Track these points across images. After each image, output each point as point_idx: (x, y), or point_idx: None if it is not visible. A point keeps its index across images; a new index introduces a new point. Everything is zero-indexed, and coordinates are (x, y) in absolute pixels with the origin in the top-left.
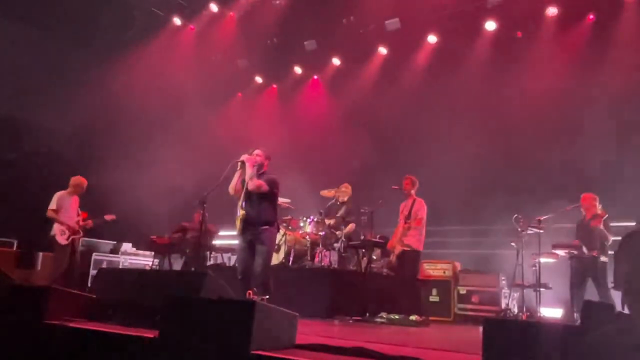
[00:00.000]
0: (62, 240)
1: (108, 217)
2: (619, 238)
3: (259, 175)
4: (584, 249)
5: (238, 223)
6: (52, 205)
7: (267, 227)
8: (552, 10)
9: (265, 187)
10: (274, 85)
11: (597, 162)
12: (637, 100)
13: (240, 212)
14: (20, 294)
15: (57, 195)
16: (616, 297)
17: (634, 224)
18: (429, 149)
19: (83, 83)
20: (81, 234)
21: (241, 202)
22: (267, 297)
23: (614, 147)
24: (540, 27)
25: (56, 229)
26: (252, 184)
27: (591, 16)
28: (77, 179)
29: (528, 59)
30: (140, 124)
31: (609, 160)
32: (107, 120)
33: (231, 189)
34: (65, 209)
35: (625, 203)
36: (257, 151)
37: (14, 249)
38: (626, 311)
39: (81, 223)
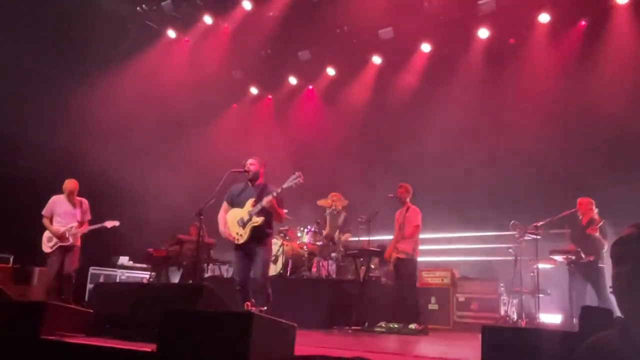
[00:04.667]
0: (46, 248)
1: (109, 224)
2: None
3: (260, 186)
4: (582, 254)
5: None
6: (44, 210)
7: (266, 237)
8: (544, 17)
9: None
10: (269, 96)
11: (592, 167)
12: (630, 104)
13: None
14: (16, 310)
15: (51, 199)
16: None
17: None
18: (425, 156)
19: (77, 96)
20: (70, 241)
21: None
22: (266, 308)
23: (608, 151)
24: (532, 33)
25: (44, 236)
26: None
27: (583, 22)
28: (66, 182)
29: (521, 64)
30: (135, 137)
31: (604, 164)
32: (101, 134)
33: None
34: (58, 214)
35: (620, 207)
36: (250, 160)
37: (10, 264)
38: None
39: (73, 231)
